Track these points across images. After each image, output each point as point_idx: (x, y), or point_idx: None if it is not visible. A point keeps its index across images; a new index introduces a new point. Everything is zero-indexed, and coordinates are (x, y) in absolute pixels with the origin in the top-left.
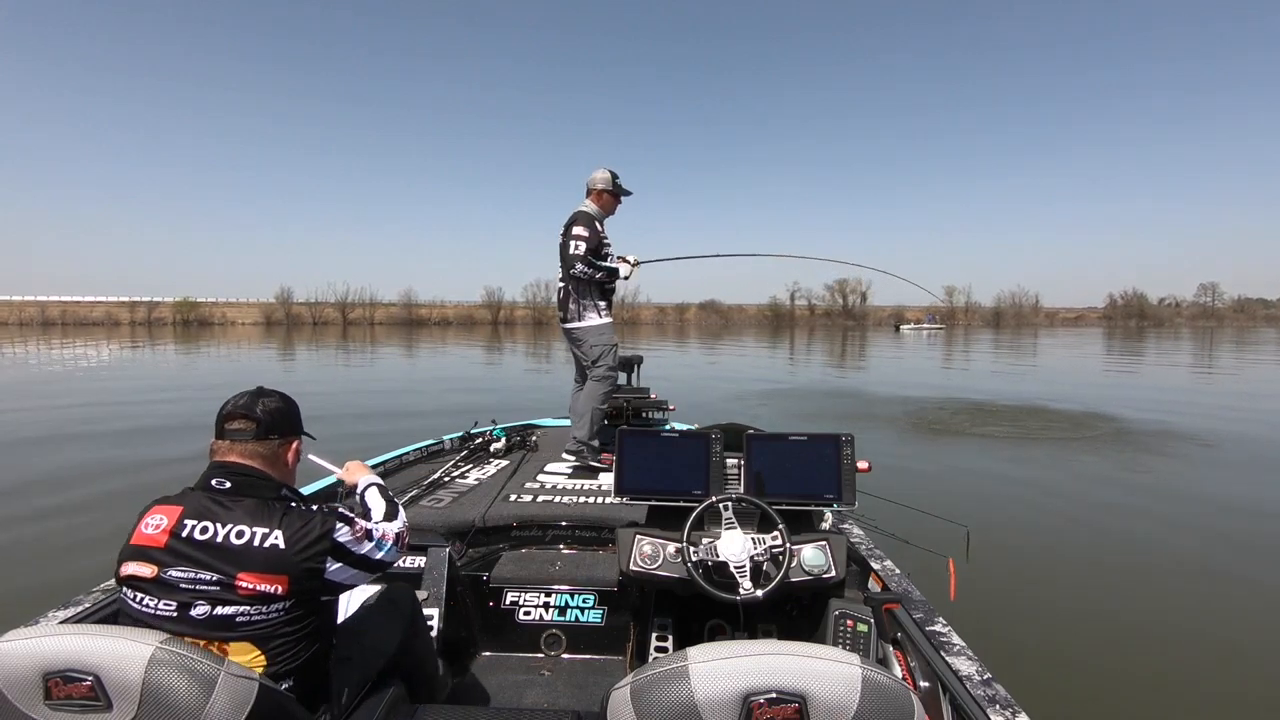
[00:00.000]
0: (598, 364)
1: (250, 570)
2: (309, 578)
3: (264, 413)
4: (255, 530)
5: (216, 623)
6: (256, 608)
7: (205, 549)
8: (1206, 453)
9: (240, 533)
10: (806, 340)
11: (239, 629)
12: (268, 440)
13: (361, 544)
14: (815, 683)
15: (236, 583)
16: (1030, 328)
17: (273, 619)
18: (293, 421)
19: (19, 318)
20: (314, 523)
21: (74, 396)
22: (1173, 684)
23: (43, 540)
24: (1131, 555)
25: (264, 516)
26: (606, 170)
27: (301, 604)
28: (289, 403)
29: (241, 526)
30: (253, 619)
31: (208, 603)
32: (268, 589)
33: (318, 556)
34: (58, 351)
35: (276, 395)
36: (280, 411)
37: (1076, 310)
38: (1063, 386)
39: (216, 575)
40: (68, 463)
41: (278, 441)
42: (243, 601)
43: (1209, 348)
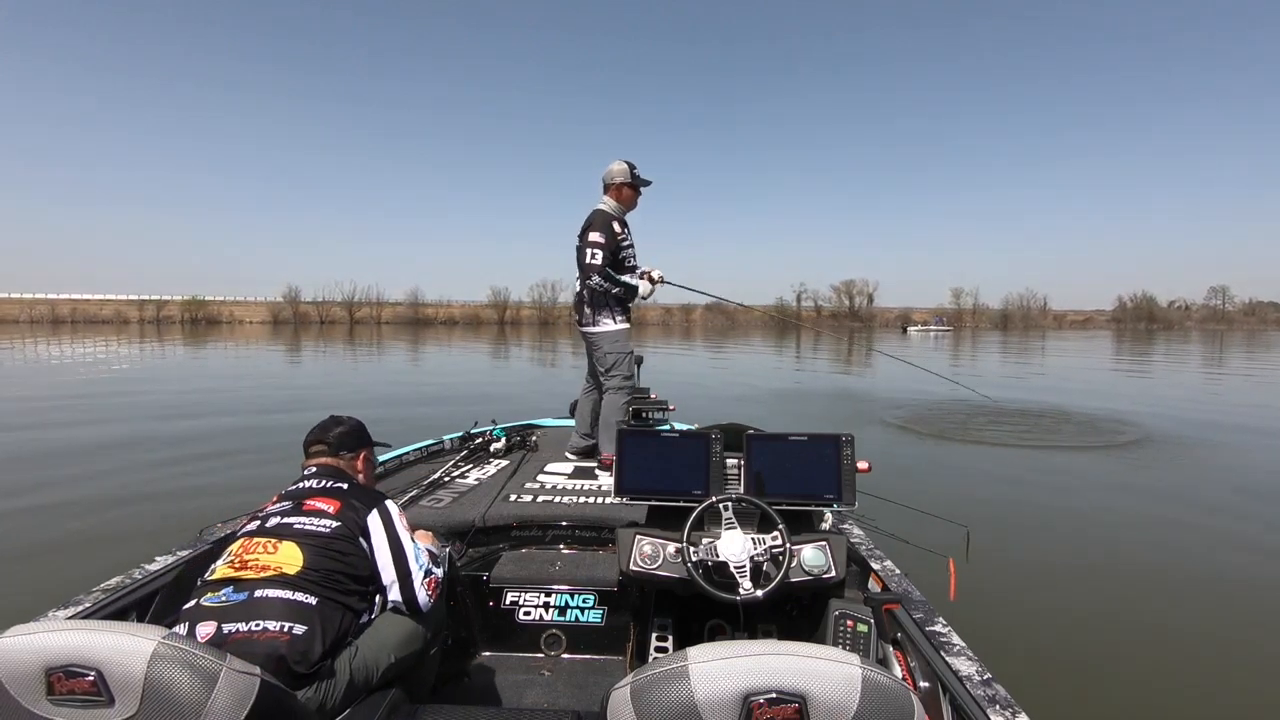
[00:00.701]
0: (612, 373)
1: (316, 496)
2: (356, 512)
3: (335, 437)
4: (329, 482)
5: (281, 528)
6: (311, 519)
7: (294, 494)
8: (1218, 455)
9: (320, 481)
10: (813, 342)
11: (294, 533)
12: (339, 456)
13: (402, 531)
14: (815, 683)
15: (305, 503)
16: (1038, 330)
17: (321, 532)
18: (358, 438)
19: (29, 315)
20: (377, 493)
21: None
22: (1173, 684)
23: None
24: (1134, 555)
25: (341, 479)
26: (623, 162)
27: (345, 531)
28: (355, 427)
29: (323, 480)
30: (306, 528)
31: (279, 516)
32: (324, 506)
33: (366, 505)
34: (96, 349)
35: (347, 422)
36: (345, 434)
37: (1085, 313)
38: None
39: (293, 502)
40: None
41: (349, 455)
42: (304, 514)
43: (1219, 351)
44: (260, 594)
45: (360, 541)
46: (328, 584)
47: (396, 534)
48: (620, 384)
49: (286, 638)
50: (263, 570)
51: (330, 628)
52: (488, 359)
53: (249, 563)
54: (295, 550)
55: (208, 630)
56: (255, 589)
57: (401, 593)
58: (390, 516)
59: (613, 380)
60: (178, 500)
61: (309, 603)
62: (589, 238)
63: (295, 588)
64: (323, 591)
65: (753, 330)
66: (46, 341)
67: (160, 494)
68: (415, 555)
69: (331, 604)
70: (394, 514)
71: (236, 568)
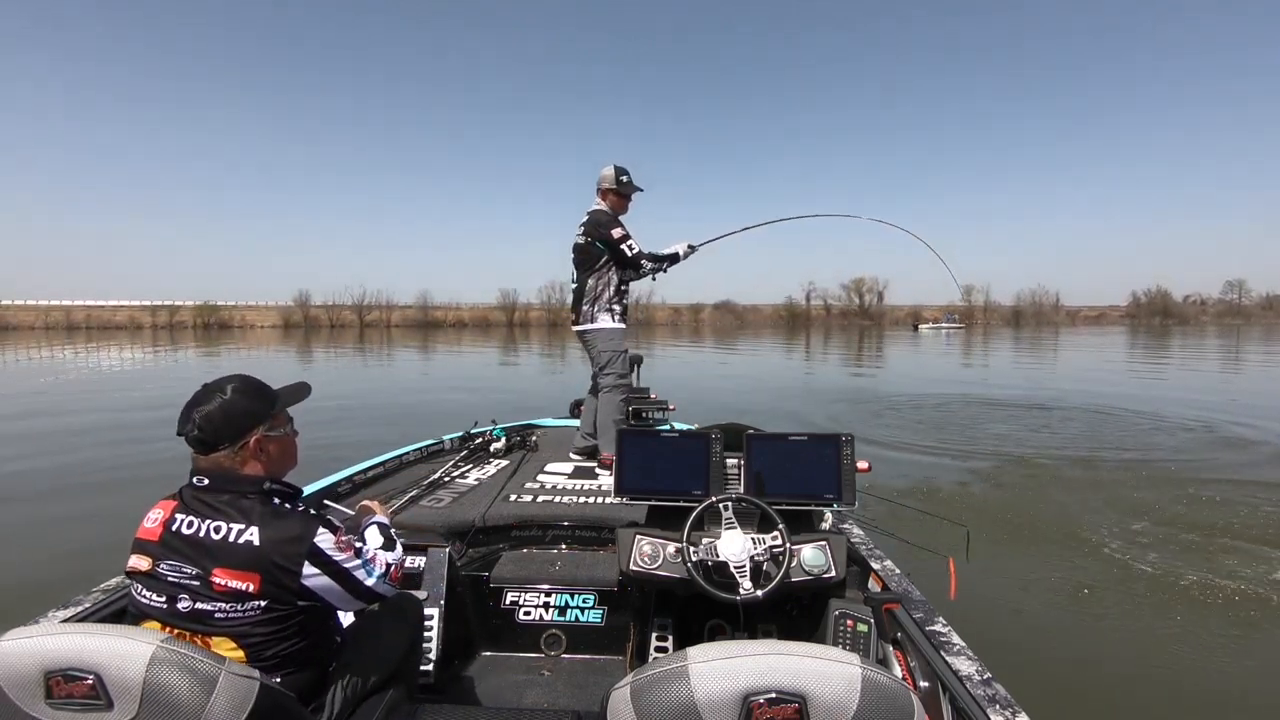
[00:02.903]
0: (606, 371)
1: (225, 566)
2: (282, 578)
3: (202, 427)
4: (232, 526)
5: (198, 616)
6: (231, 605)
7: (189, 543)
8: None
9: (218, 528)
10: (823, 340)
11: (218, 625)
12: (216, 452)
13: (347, 558)
14: (815, 683)
15: (212, 578)
16: (1051, 326)
17: (249, 618)
18: (237, 421)
19: (45, 321)
20: (293, 523)
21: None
22: (1174, 685)
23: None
24: (1135, 554)
25: (242, 512)
26: (612, 167)
27: (277, 605)
28: (232, 401)
29: (219, 522)
30: (229, 615)
31: (189, 597)
32: (240, 586)
33: (293, 558)
34: (118, 357)
35: (213, 397)
36: (217, 419)
37: (1098, 309)
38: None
39: (196, 570)
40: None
41: (227, 449)
42: (218, 598)
43: (1236, 345)
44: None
45: (299, 603)
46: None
47: (341, 570)
48: (615, 382)
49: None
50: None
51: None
52: (498, 360)
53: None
54: (230, 644)
55: None
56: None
57: (365, 603)
58: (325, 556)
59: (608, 378)
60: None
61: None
62: (614, 233)
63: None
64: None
65: (762, 329)
66: (63, 348)
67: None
68: (368, 571)
69: (298, 668)
70: (328, 549)
71: None
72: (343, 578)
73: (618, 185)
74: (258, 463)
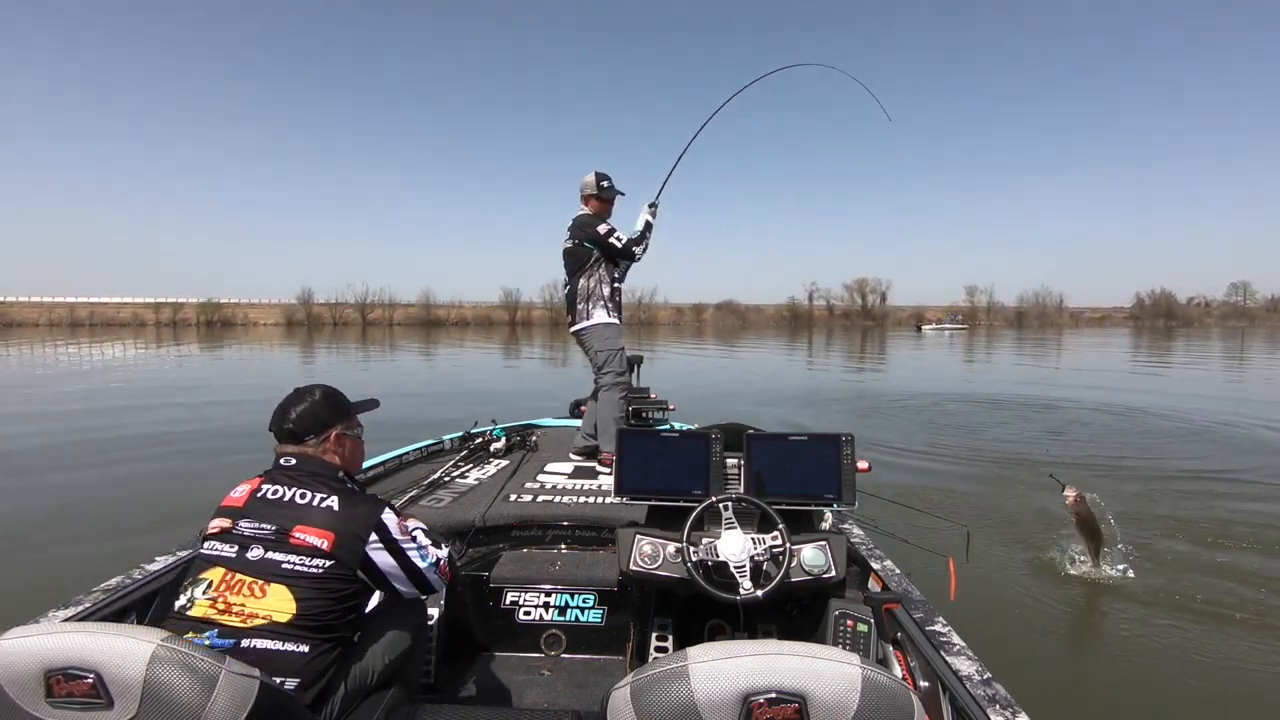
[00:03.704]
0: (604, 370)
1: (305, 524)
2: (352, 543)
3: (295, 421)
4: (316, 494)
5: (266, 565)
6: (303, 558)
7: (273, 505)
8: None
9: (303, 494)
10: (825, 341)
11: (283, 574)
12: (304, 443)
13: (405, 541)
14: (815, 683)
15: (291, 533)
16: (1054, 328)
17: (313, 573)
18: (324, 418)
19: (49, 318)
20: (366, 500)
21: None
22: (1174, 686)
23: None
24: (1136, 554)
25: (325, 486)
26: (593, 174)
27: (341, 568)
28: (319, 402)
29: (305, 490)
30: (296, 568)
31: (262, 547)
32: (316, 542)
33: (363, 529)
34: (130, 353)
35: (305, 398)
36: (307, 414)
37: (1102, 310)
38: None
39: (275, 526)
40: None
41: (315, 441)
42: (292, 550)
43: (1240, 347)
44: (248, 644)
45: (358, 573)
46: (321, 628)
47: (401, 550)
48: (614, 380)
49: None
50: (251, 618)
51: (322, 667)
52: (500, 359)
53: (234, 606)
54: (286, 595)
55: None
56: (243, 638)
57: (419, 590)
58: (390, 534)
59: (605, 377)
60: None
61: (301, 652)
62: (600, 229)
63: (287, 639)
64: (316, 636)
65: (765, 329)
66: (68, 344)
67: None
68: (422, 556)
69: (325, 644)
70: (393, 528)
71: (220, 610)
72: (400, 557)
73: (599, 191)
74: (335, 455)
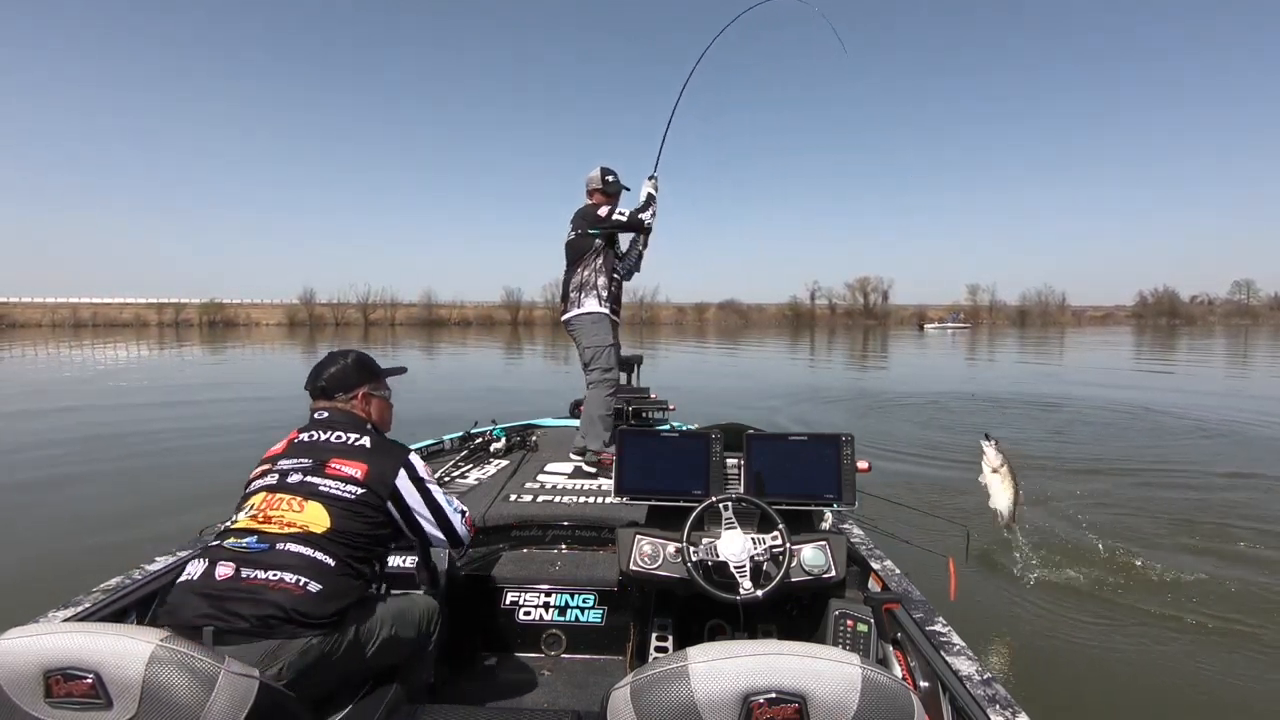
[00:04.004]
0: (592, 366)
1: (340, 457)
2: (384, 474)
3: (328, 379)
4: (350, 435)
5: (305, 486)
6: (339, 484)
7: (311, 447)
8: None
9: (339, 436)
10: (828, 340)
11: (320, 494)
12: (335, 399)
13: (434, 486)
14: (815, 683)
15: (328, 464)
16: (1057, 327)
17: (347, 498)
18: (351, 378)
19: (52, 319)
20: (396, 445)
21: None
22: (1174, 687)
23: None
24: (1137, 555)
25: (357, 430)
26: (599, 168)
27: (373, 498)
28: (350, 365)
29: (340, 433)
30: (333, 491)
31: (301, 473)
32: (351, 471)
33: (393, 465)
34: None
35: (338, 360)
36: (338, 374)
37: (1104, 309)
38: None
39: (313, 460)
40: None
41: (344, 398)
42: (329, 477)
43: (1244, 346)
44: (282, 547)
45: (388, 505)
46: (350, 548)
47: (428, 489)
48: (600, 377)
49: (301, 592)
50: (288, 526)
51: (344, 590)
52: (502, 358)
53: (273, 518)
54: (322, 511)
55: (226, 571)
56: (278, 542)
57: (447, 538)
58: (417, 472)
59: (593, 374)
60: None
61: (328, 563)
62: (601, 212)
63: (318, 547)
64: (344, 554)
65: (767, 328)
66: (85, 345)
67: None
68: (447, 501)
69: (349, 568)
70: (420, 468)
71: (260, 521)
72: (429, 498)
73: (604, 185)
74: (364, 411)
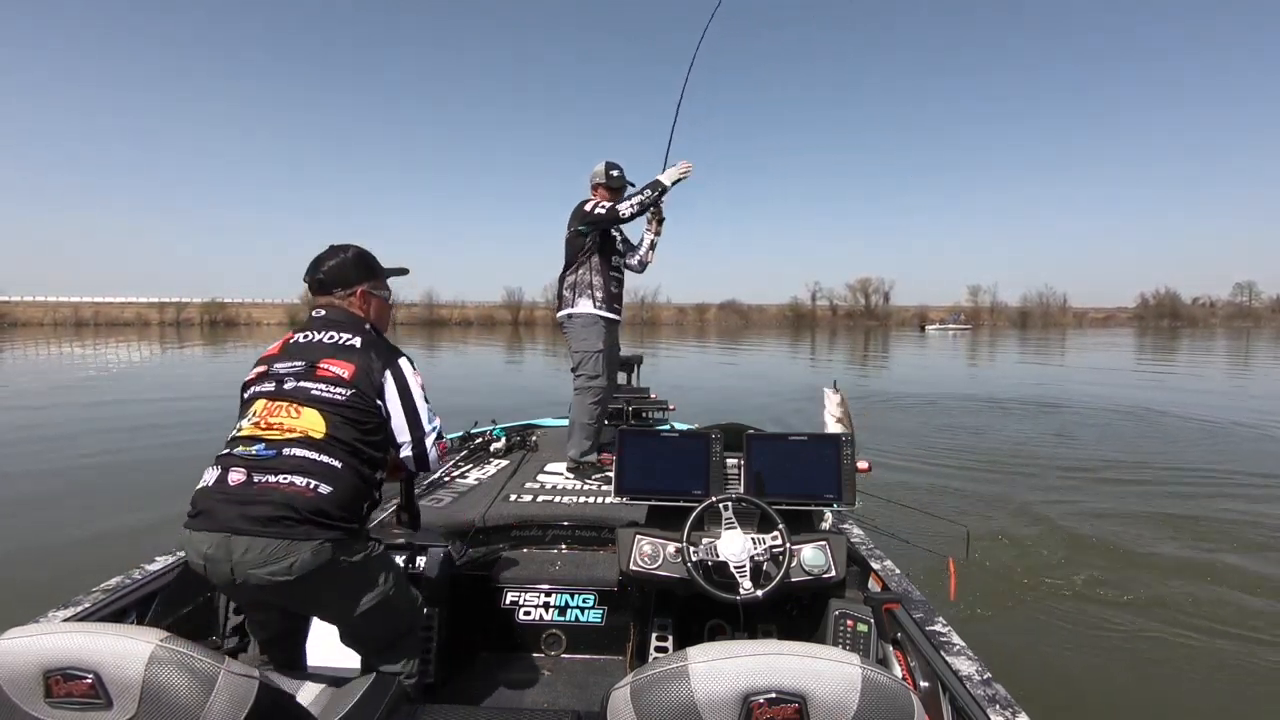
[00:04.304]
0: (578, 372)
1: (330, 357)
2: (371, 373)
3: (326, 272)
4: (342, 335)
5: (299, 392)
6: (329, 386)
7: (304, 348)
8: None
9: (331, 336)
10: (829, 341)
11: (314, 399)
12: (332, 294)
13: (419, 392)
14: (815, 683)
15: (319, 365)
16: (1058, 328)
17: (338, 399)
18: (350, 274)
19: (53, 318)
20: (389, 346)
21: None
22: (1175, 687)
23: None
24: (1138, 555)
25: (351, 330)
26: (604, 163)
27: (362, 399)
28: (350, 259)
29: (333, 333)
30: (324, 394)
31: (295, 378)
32: (339, 371)
33: (380, 365)
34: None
35: (338, 253)
36: (337, 268)
37: (1106, 310)
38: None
39: (305, 362)
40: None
41: (342, 293)
42: (320, 380)
43: (1246, 348)
44: (288, 452)
45: (377, 403)
46: (350, 451)
47: (411, 395)
48: (585, 384)
49: (312, 494)
50: (288, 431)
51: (353, 493)
52: (503, 358)
53: (274, 425)
54: (318, 417)
55: (239, 477)
56: (284, 447)
57: (413, 451)
58: (404, 376)
59: (578, 380)
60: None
61: (335, 465)
62: (585, 206)
63: (322, 451)
64: (346, 458)
65: (767, 329)
66: (95, 345)
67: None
68: (428, 416)
69: (355, 472)
70: (408, 373)
71: (263, 428)
72: (409, 404)
73: (607, 179)
74: (361, 310)
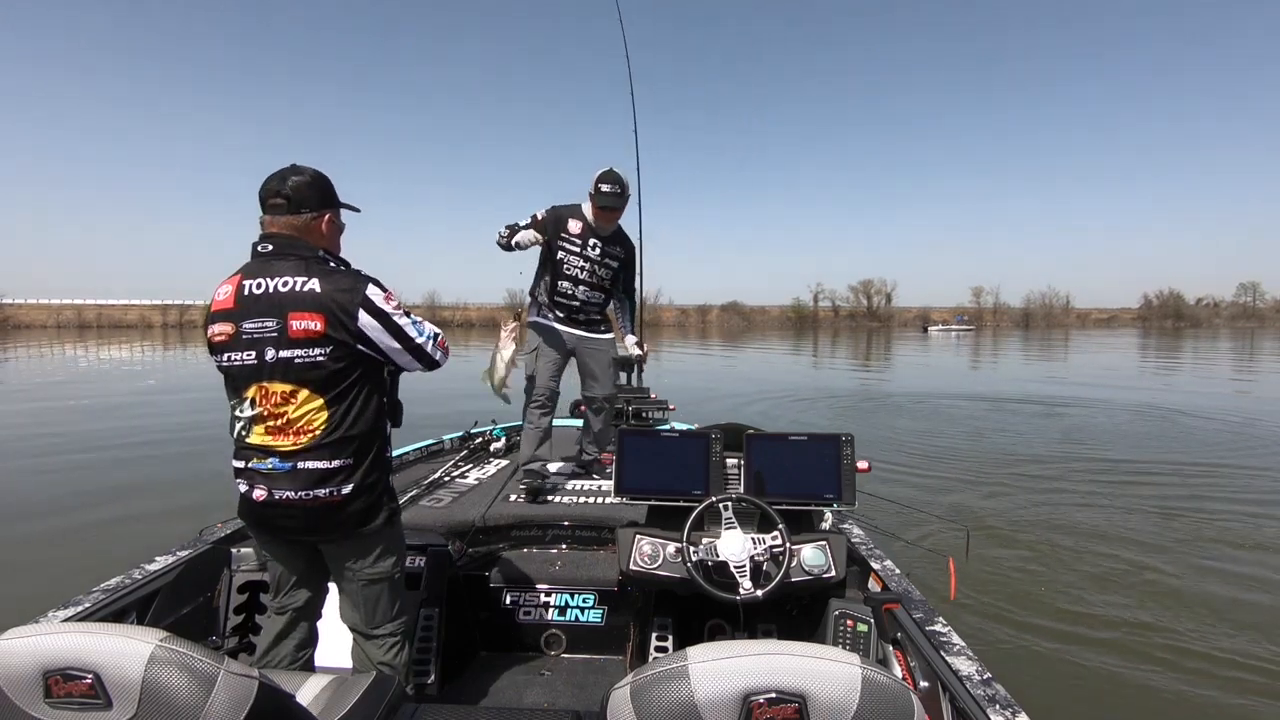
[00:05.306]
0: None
1: (296, 310)
2: (343, 319)
3: (292, 189)
4: (296, 279)
5: (283, 365)
6: (305, 349)
7: (263, 300)
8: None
9: (285, 282)
10: (831, 342)
11: (298, 371)
12: (299, 215)
13: (396, 313)
14: (815, 683)
15: (288, 323)
16: (1061, 329)
17: (320, 359)
18: (320, 195)
19: (56, 320)
20: (346, 277)
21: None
22: (1175, 687)
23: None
24: (1134, 552)
25: (304, 270)
26: (601, 171)
27: (340, 349)
28: (317, 178)
29: (286, 278)
30: (305, 359)
31: (273, 346)
32: (310, 325)
33: (349, 305)
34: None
35: (307, 172)
36: (307, 186)
37: (1109, 311)
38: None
39: (274, 320)
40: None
41: (309, 214)
42: (295, 343)
43: (1250, 348)
44: (303, 465)
45: (359, 347)
46: (355, 426)
47: (392, 321)
48: (529, 401)
49: (339, 499)
50: (297, 435)
51: (370, 462)
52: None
53: (279, 427)
54: (311, 396)
55: (261, 494)
56: (298, 460)
57: (421, 363)
58: (376, 305)
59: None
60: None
61: (348, 464)
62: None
63: (334, 453)
64: (356, 438)
65: (770, 330)
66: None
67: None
68: (417, 330)
69: (364, 441)
70: (378, 300)
71: (270, 433)
72: (394, 329)
73: (593, 191)
74: (321, 236)
